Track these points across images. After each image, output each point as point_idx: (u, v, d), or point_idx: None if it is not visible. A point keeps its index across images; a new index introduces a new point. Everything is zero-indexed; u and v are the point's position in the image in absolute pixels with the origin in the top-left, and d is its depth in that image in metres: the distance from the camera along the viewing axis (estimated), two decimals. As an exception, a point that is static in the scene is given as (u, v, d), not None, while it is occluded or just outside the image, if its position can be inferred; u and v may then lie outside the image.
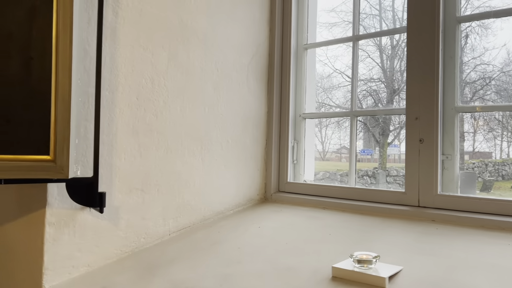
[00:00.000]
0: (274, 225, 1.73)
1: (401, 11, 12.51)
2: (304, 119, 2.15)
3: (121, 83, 1.58)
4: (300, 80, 2.15)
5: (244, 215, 1.92)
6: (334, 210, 1.84)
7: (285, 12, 2.15)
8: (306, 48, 2.17)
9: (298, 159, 2.14)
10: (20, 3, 1.13)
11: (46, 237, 1.40)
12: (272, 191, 2.12)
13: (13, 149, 1.14)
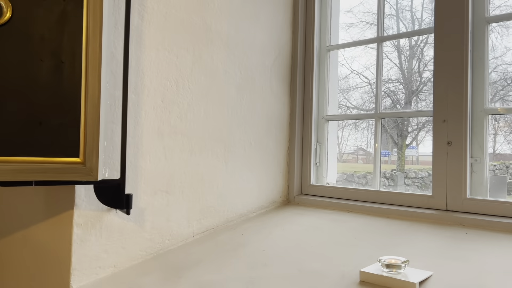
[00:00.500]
0: (298, 228, 1.72)
1: (419, 11, 12.30)
2: (327, 121, 2.14)
3: (147, 86, 1.59)
4: (323, 82, 2.14)
5: (267, 218, 1.91)
6: (358, 213, 1.82)
7: (308, 13, 2.14)
8: (329, 50, 2.15)
9: (321, 161, 2.13)
10: (52, 8, 1.15)
11: (74, 238, 1.42)
12: (294, 194, 2.11)
13: (44, 151, 1.16)
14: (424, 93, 10.26)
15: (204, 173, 1.78)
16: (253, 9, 1.98)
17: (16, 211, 1.76)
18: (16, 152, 1.14)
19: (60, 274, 1.45)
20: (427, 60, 10.25)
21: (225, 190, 1.86)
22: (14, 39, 1.14)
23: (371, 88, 10.41)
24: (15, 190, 1.74)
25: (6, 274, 1.81)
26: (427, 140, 11.05)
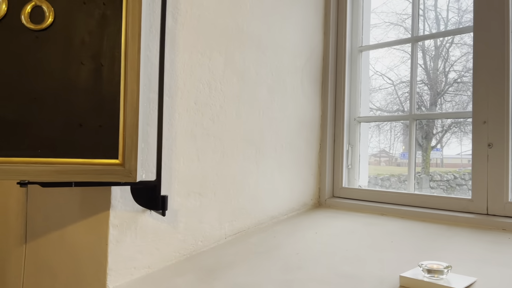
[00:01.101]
0: (332, 231, 1.70)
1: (444, 11, 11.97)
2: (359, 123, 2.11)
3: (180, 88, 1.61)
4: (355, 83, 2.11)
5: (299, 221, 1.90)
6: (393, 216, 1.78)
7: (339, 14, 2.11)
8: (361, 51, 2.13)
9: (353, 164, 2.10)
10: (92, 12, 1.17)
11: (110, 238, 1.44)
12: (326, 196, 2.08)
13: (84, 153, 1.18)
14: (449, 94, 10.01)
15: (236, 175, 1.78)
16: (284, 11, 1.98)
17: (52, 211, 1.80)
18: (58, 153, 1.16)
19: (97, 274, 1.47)
20: (453, 61, 10.00)
21: (256, 192, 1.86)
22: (56, 43, 1.16)
23: (395, 89, 10.23)
24: (52, 191, 1.78)
25: (44, 272, 1.85)
26: (452, 142, 10.78)
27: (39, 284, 1.90)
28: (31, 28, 1.15)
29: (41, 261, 1.89)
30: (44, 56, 1.16)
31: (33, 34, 1.16)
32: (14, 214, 2.31)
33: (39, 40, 1.16)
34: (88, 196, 1.55)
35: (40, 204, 1.94)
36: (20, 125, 1.15)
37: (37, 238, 1.96)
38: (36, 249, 1.96)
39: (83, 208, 1.58)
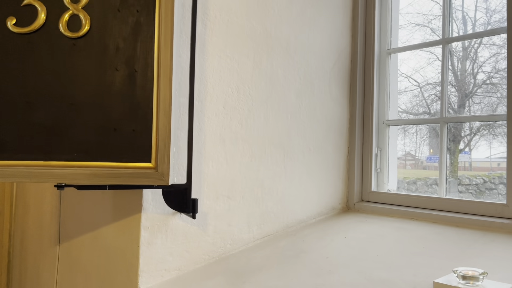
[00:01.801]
0: (362, 236, 1.68)
1: (472, 11, 11.69)
2: (388, 126, 2.08)
3: (209, 93, 1.63)
4: (383, 85, 2.09)
5: (328, 225, 1.89)
6: (424, 221, 1.75)
7: (367, 16, 2.10)
8: (390, 53, 2.10)
9: (382, 167, 2.07)
10: (126, 19, 1.20)
11: (142, 240, 1.47)
12: (355, 200, 2.07)
13: (118, 156, 1.20)
14: (478, 96, 9.74)
15: (264, 179, 1.79)
16: (312, 14, 1.98)
17: (85, 213, 1.84)
18: (93, 157, 1.20)
19: (128, 275, 1.50)
20: (482, 62, 9.73)
21: (284, 196, 1.86)
22: (92, 50, 1.20)
23: (421, 91, 10.03)
24: (84, 194, 1.83)
25: (77, 272, 1.90)
26: (481, 145, 10.48)
27: (72, 284, 1.95)
28: (69, 36, 1.19)
29: (74, 262, 1.94)
30: (80, 62, 1.20)
31: (70, 42, 1.20)
32: (48, 216, 2.39)
33: (76, 47, 1.20)
34: (120, 199, 1.58)
35: (73, 206, 1.99)
36: (58, 130, 1.18)
37: (70, 239, 2.01)
38: (69, 250, 2.01)
39: (115, 210, 1.61)
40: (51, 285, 2.23)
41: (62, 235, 2.13)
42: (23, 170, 1.15)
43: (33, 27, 1.19)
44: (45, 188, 2.51)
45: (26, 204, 3.13)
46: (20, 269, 3.21)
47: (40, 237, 2.61)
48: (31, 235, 2.92)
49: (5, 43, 1.18)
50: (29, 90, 1.18)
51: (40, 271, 2.57)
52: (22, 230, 3.20)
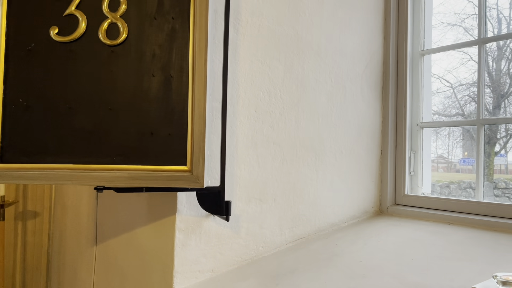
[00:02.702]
0: (395, 240, 1.66)
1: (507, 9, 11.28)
2: (422, 128, 2.04)
3: (241, 97, 1.64)
4: (417, 87, 2.05)
5: (360, 228, 1.87)
6: (460, 225, 1.71)
7: (400, 17, 2.07)
8: (423, 54, 2.07)
9: (415, 170, 2.04)
10: (162, 26, 1.24)
11: (176, 242, 1.49)
12: (388, 204, 2.04)
13: (154, 160, 1.24)
14: (514, 97, 9.40)
15: (296, 182, 1.79)
16: (344, 17, 1.97)
17: (121, 215, 1.89)
18: (131, 160, 1.23)
19: (163, 275, 1.53)
20: (518, 61, 9.39)
21: (316, 199, 1.86)
22: (130, 57, 1.24)
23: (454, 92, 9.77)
24: (120, 196, 1.88)
25: (113, 272, 1.95)
26: (518, 148, 10.11)
27: (109, 283, 2.00)
28: (107, 43, 1.24)
29: (110, 262, 1.99)
30: (118, 69, 1.24)
31: (109, 49, 1.24)
32: (85, 218, 2.46)
33: (114, 54, 1.24)
34: (154, 201, 1.61)
35: (109, 208, 2.04)
36: (98, 134, 1.23)
37: (107, 240, 2.06)
38: (106, 251, 2.07)
39: (150, 212, 1.65)
40: (89, 284, 2.30)
41: (98, 236, 2.19)
42: (66, 173, 1.20)
43: (74, 35, 1.24)
44: (82, 190, 2.60)
45: (64, 206, 3.24)
46: (59, 268, 3.32)
47: (77, 238, 2.69)
48: (69, 236, 3.02)
49: (49, 51, 1.23)
50: (71, 96, 1.23)
51: (77, 271, 2.66)
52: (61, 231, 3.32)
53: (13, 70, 1.24)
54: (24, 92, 1.23)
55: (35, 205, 3.78)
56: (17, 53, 1.23)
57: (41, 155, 1.22)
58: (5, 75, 1.23)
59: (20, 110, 1.23)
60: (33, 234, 3.78)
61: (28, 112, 1.23)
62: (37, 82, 1.24)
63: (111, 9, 1.24)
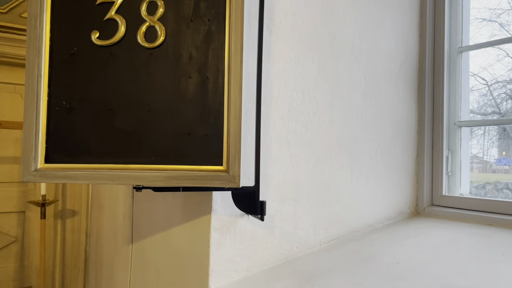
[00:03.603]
0: (433, 241, 1.62)
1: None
2: (460, 127, 1.99)
3: (275, 97, 1.65)
4: (454, 85, 2.00)
5: (396, 229, 1.84)
6: (503, 227, 1.65)
7: (437, 14, 2.02)
8: (461, 52, 2.01)
9: (453, 170, 1.98)
10: (198, 28, 1.26)
11: (212, 241, 1.51)
12: (425, 205, 1.99)
13: (191, 160, 1.26)
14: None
15: (330, 182, 1.78)
16: (378, 15, 1.94)
17: (156, 214, 1.93)
18: (169, 160, 1.26)
19: (199, 274, 1.55)
20: (557, 57, 8.99)
21: (351, 199, 1.84)
22: (167, 59, 1.26)
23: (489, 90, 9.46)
24: (156, 196, 1.91)
25: (149, 271, 1.99)
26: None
27: (145, 281, 2.04)
28: (145, 46, 1.27)
29: (146, 260, 2.03)
30: (156, 71, 1.27)
31: (147, 52, 1.27)
32: (121, 217, 2.52)
33: (152, 57, 1.27)
34: (189, 201, 1.64)
35: (144, 208, 2.09)
36: (137, 135, 1.26)
37: (142, 239, 2.11)
38: (142, 249, 2.11)
39: (185, 212, 1.67)
40: (125, 282, 2.35)
41: (134, 235, 2.23)
42: (106, 173, 1.24)
43: (114, 39, 1.27)
44: (118, 190, 2.66)
45: (100, 205, 3.33)
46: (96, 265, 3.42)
47: (114, 236, 2.76)
48: (106, 235, 3.10)
49: (90, 55, 1.28)
50: (111, 98, 1.27)
51: (114, 269, 2.72)
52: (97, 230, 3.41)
53: (56, 74, 1.28)
54: (67, 94, 1.28)
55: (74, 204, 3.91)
56: (61, 57, 1.28)
57: (83, 156, 1.27)
58: (50, 79, 1.28)
59: (63, 112, 1.28)
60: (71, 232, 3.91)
61: (71, 114, 1.28)
62: (79, 84, 1.28)
63: (149, 12, 1.27)
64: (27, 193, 3.81)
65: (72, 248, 3.91)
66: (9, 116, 3.72)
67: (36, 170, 1.25)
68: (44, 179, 1.25)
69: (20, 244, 3.80)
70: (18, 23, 3.56)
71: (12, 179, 3.75)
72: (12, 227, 3.77)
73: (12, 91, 3.77)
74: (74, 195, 3.92)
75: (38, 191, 3.79)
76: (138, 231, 2.18)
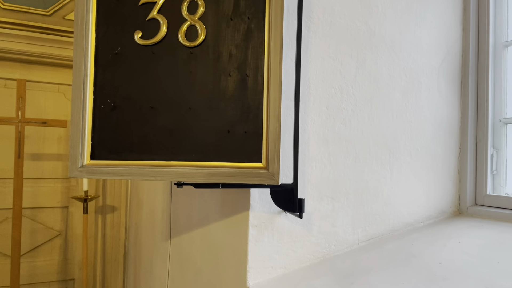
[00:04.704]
0: (478, 242, 1.57)
1: None
2: (506, 125, 1.91)
3: (312, 94, 1.64)
4: (499, 81, 1.92)
5: (438, 229, 1.79)
6: (553, 229, 1.58)
7: (481, 8, 1.95)
8: (506, 46, 1.93)
9: (498, 169, 1.91)
10: (238, 27, 1.27)
11: (250, 238, 1.52)
12: (468, 204, 1.93)
13: (231, 157, 1.27)
14: None
15: (369, 180, 1.76)
16: (418, 10, 1.90)
17: (194, 211, 1.96)
18: (209, 157, 1.28)
19: (237, 270, 1.57)
20: None
21: (390, 198, 1.81)
22: (207, 57, 1.28)
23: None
24: (194, 193, 1.95)
25: (187, 266, 2.03)
26: None
27: (183, 277, 2.08)
28: (186, 45, 1.29)
29: (184, 256, 2.07)
30: (197, 69, 1.29)
31: (188, 51, 1.29)
32: (160, 213, 2.58)
33: (193, 55, 1.29)
34: (227, 197, 1.66)
35: (182, 205, 2.13)
36: (178, 133, 1.29)
37: (180, 235, 2.15)
38: (180, 245, 2.15)
39: (223, 209, 1.70)
40: (164, 277, 2.41)
41: (172, 231, 2.28)
42: (149, 169, 1.27)
43: (156, 39, 1.30)
44: (156, 187, 2.73)
45: (139, 201, 3.42)
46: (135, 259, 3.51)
47: (152, 232, 2.83)
48: (144, 230, 3.18)
49: (133, 55, 1.31)
50: (153, 97, 1.30)
51: (153, 263, 2.79)
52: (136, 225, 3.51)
53: (101, 73, 1.33)
54: (111, 93, 1.32)
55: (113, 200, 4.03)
56: (105, 57, 1.32)
57: (126, 152, 1.31)
58: (95, 78, 1.33)
59: (108, 110, 1.32)
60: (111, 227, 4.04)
61: (115, 112, 1.32)
62: (123, 83, 1.32)
63: (190, 12, 1.29)
64: (70, 189, 3.97)
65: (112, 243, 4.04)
66: (53, 115, 3.88)
67: (83, 166, 1.30)
68: (90, 175, 1.30)
69: (64, 238, 3.96)
70: (62, 25, 3.70)
71: (56, 176, 3.91)
72: (56, 221, 3.93)
73: (56, 91, 3.93)
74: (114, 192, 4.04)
75: (81, 187, 3.93)
76: (176, 227, 2.22)
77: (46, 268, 3.89)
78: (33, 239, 3.84)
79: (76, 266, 3.99)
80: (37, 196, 3.82)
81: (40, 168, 3.85)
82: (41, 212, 3.86)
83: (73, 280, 3.98)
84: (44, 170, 3.87)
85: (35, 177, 3.83)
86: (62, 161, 3.93)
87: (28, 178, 3.74)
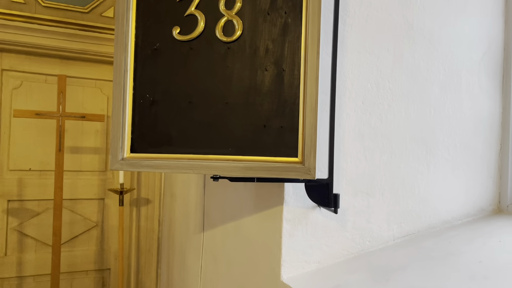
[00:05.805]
0: (520, 241, 1.52)
1: None
2: (550, 120, 1.84)
3: (348, 89, 1.63)
4: (544, 75, 1.85)
5: (477, 227, 1.75)
6: None
7: (525, -2, 1.88)
8: (552, 37, 1.85)
9: (542, 166, 1.84)
10: (275, 21, 1.27)
11: (284, 232, 1.53)
12: (508, 202, 1.87)
13: (267, 151, 1.28)
14: None
15: (405, 176, 1.73)
16: (459, 1, 1.84)
17: (228, 205, 1.99)
18: (245, 151, 1.29)
19: (271, 264, 1.59)
20: None
21: (427, 195, 1.77)
22: (244, 52, 1.30)
23: None
24: (227, 187, 1.97)
25: (220, 259, 2.06)
26: None
27: (217, 269, 2.12)
28: (224, 40, 1.31)
29: (218, 249, 2.10)
30: (233, 64, 1.30)
31: (225, 46, 1.31)
32: (193, 206, 2.63)
33: (230, 50, 1.30)
34: (261, 192, 1.67)
35: (215, 198, 2.16)
36: (215, 127, 1.31)
37: (214, 228, 2.18)
38: (213, 238, 2.19)
39: (257, 203, 1.71)
40: (197, 269, 2.45)
41: (206, 224, 2.32)
42: (186, 162, 1.30)
43: (194, 34, 1.33)
44: (190, 180, 2.78)
45: (173, 194, 3.49)
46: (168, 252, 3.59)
47: (186, 224, 2.89)
48: (178, 222, 3.24)
49: (172, 50, 1.34)
50: (191, 91, 1.32)
51: (186, 255, 2.85)
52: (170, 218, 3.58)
53: (141, 68, 1.36)
54: (150, 88, 1.36)
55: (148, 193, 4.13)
56: (145, 52, 1.36)
57: (165, 146, 1.34)
58: (135, 73, 1.36)
59: (147, 104, 1.35)
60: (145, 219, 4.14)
61: (154, 106, 1.35)
62: (162, 78, 1.35)
63: (227, 7, 1.30)
64: (106, 181, 4.09)
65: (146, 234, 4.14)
66: (90, 109, 4.00)
67: (123, 159, 1.34)
68: (130, 168, 1.34)
69: (100, 229, 4.09)
70: (99, 22, 3.81)
71: (93, 168, 4.04)
72: (93, 213, 4.07)
73: (93, 86, 4.05)
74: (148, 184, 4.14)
75: (116, 179, 4.05)
76: (209, 220, 2.26)
77: (84, 258, 4.03)
78: (72, 229, 3.98)
79: (112, 256, 4.11)
80: (76, 188, 3.96)
81: (78, 161, 3.99)
82: (79, 204, 4.00)
83: (109, 270, 4.11)
84: (82, 163, 4.00)
85: (74, 169, 3.96)
86: (98, 155, 4.05)
87: (67, 171, 3.88)
